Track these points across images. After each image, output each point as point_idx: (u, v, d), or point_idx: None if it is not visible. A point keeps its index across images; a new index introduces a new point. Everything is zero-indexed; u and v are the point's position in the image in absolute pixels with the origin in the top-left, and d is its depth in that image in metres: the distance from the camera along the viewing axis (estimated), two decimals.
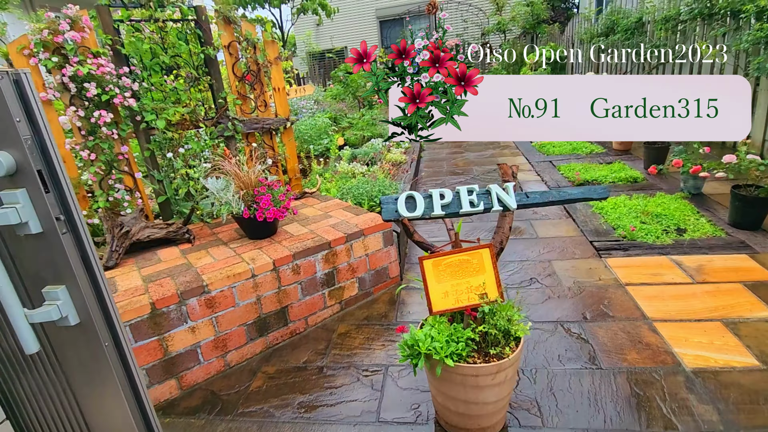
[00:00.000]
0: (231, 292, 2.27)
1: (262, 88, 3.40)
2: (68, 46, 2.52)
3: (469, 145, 7.16)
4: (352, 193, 3.41)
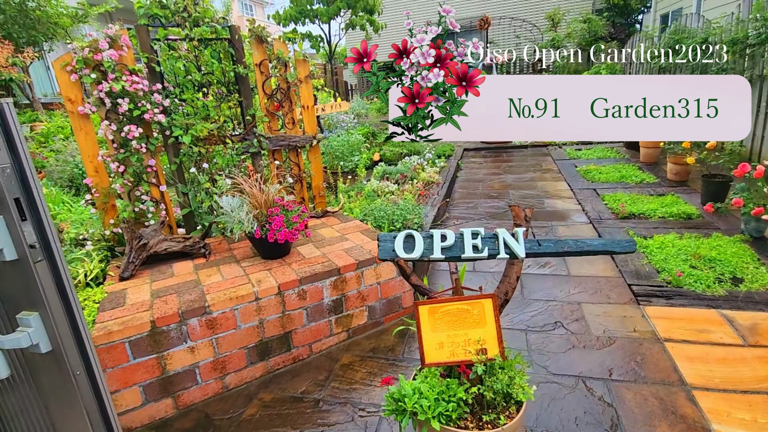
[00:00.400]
0: (233, 314, 2.25)
1: (290, 105, 3.42)
2: (106, 63, 2.65)
3: (510, 166, 6.88)
4: (374, 215, 3.33)
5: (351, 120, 7.47)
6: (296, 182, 3.58)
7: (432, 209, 3.99)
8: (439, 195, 4.56)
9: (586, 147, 7.64)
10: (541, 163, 6.94)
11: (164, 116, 2.83)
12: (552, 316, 2.75)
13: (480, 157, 7.79)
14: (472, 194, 5.41)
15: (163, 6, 2.85)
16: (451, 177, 5.59)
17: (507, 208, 4.76)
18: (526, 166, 6.80)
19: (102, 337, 1.95)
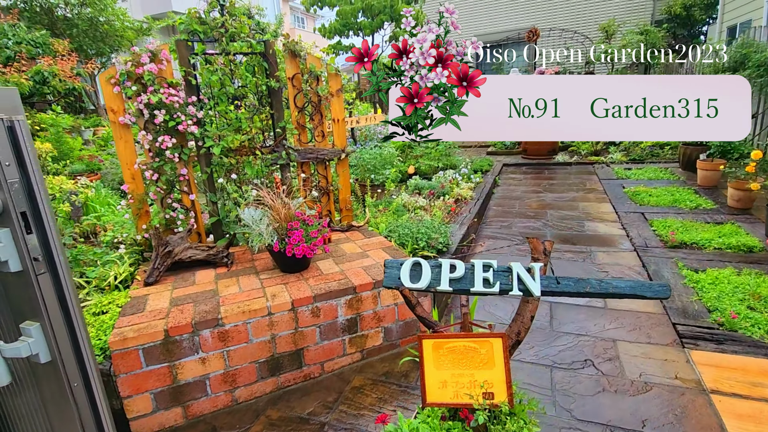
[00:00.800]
0: (245, 327, 2.24)
1: (321, 118, 3.44)
2: (146, 76, 2.77)
3: (551, 184, 6.58)
4: (398, 233, 3.25)
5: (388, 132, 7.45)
6: (323, 195, 3.58)
7: (461, 228, 3.85)
8: (470, 213, 4.41)
9: (636, 166, 7.18)
10: (585, 181, 6.59)
11: (197, 127, 2.92)
12: (582, 352, 2.54)
13: (520, 173, 7.52)
14: (508, 213, 5.19)
15: (202, 22, 2.96)
16: (486, 193, 5.41)
17: (544, 229, 4.53)
18: (569, 184, 6.47)
19: (117, 343, 2.00)
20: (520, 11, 15.91)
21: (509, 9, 16.11)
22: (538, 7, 15.61)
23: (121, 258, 2.92)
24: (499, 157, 8.91)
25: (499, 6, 16.28)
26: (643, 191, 5.48)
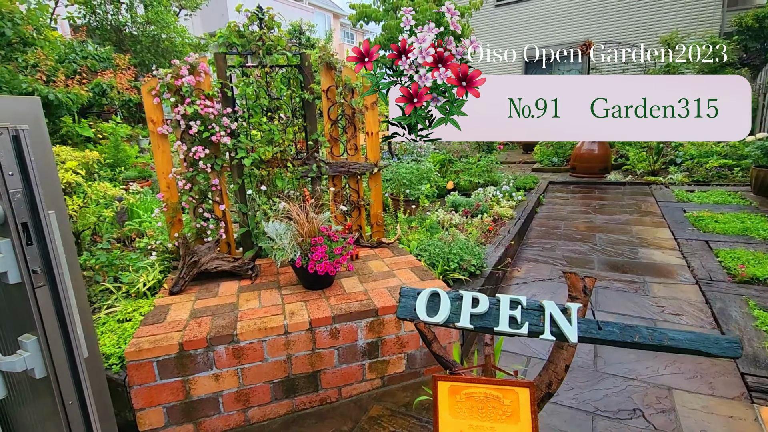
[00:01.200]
0: (261, 345, 2.16)
1: (354, 131, 3.37)
2: (185, 88, 2.83)
3: (602, 205, 6.14)
4: (429, 251, 3.09)
5: (429, 146, 7.32)
6: (354, 209, 3.49)
7: (497, 249, 3.61)
8: (509, 233, 4.15)
9: (700, 188, 6.55)
10: (640, 203, 6.09)
11: (230, 138, 2.94)
12: (631, 400, 2.24)
13: (567, 192, 7.10)
14: (551, 234, 4.87)
15: (241, 35, 2.99)
16: (528, 213, 5.11)
17: (591, 254, 4.18)
18: (621, 206, 6.00)
19: (133, 354, 1.98)
20: (574, 24, 15.36)
21: (562, 21, 15.60)
22: (593, 19, 15.00)
23: (152, 265, 2.96)
24: (544, 174, 8.50)
25: (551, 19, 15.82)
26: (708, 216, 4.96)
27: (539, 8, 15.98)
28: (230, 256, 2.86)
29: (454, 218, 4.30)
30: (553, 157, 9.06)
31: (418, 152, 6.93)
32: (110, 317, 2.42)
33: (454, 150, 7.83)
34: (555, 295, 3.33)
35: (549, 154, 9.14)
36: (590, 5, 14.99)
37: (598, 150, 7.70)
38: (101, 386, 1.64)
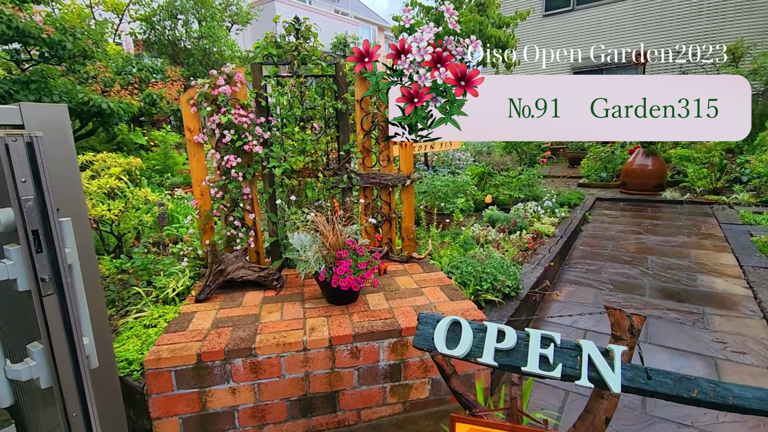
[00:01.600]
0: (278, 361, 2.10)
1: (387, 143, 3.29)
2: (221, 98, 2.87)
3: (655, 225, 5.68)
4: (461, 269, 2.93)
5: (468, 158, 7.13)
6: (385, 222, 3.40)
7: (535, 269, 3.38)
8: (550, 252, 3.90)
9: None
10: (699, 224, 5.58)
11: (262, 148, 2.95)
12: None
13: (616, 210, 6.65)
14: (597, 255, 4.53)
15: (278, 46, 3.01)
16: (572, 231, 4.80)
17: (641, 279, 3.83)
18: (678, 226, 5.52)
19: (152, 362, 1.97)
20: (625, 32, 14.66)
21: (612, 30, 14.94)
22: (647, 28, 14.24)
23: (183, 271, 3.00)
24: (591, 189, 8.03)
25: (601, 27, 15.19)
26: None
27: (589, 17, 15.41)
28: (256, 265, 2.85)
29: (490, 234, 4.10)
30: (601, 171, 8.56)
31: (456, 164, 6.77)
32: (137, 322, 2.45)
33: (495, 163, 7.58)
34: (599, 323, 3.06)
35: (597, 168, 8.65)
36: (644, 13, 14.26)
37: (653, 165, 7.18)
38: (114, 396, 1.63)
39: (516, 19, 8.79)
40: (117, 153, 6.98)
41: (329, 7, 22.28)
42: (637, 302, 3.36)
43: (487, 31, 7.71)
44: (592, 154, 8.95)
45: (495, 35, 7.81)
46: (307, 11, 18.29)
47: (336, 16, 21.49)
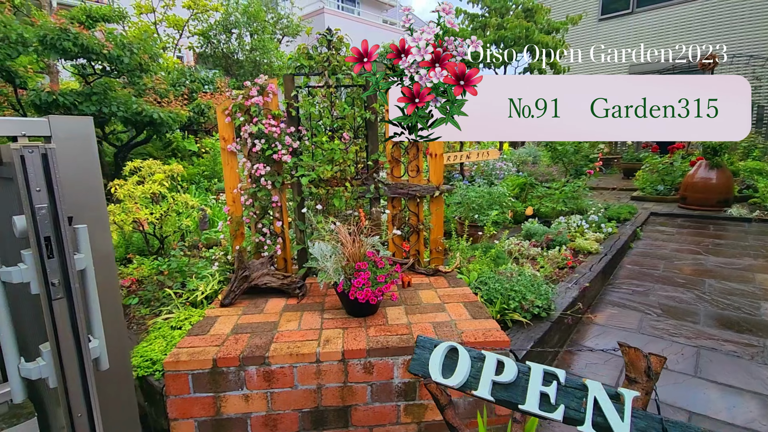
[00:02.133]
0: (291, 371, 2.09)
1: (417, 152, 3.24)
2: (253, 108, 2.95)
3: (717, 245, 5.17)
4: (488, 286, 2.80)
5: (509, 168, 6.89)
6: (412, 233, 3.34)
7: (571, 289, 3.16)
8: (590, 271, 3.64)
9: None
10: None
11: (291, 157, 3.00)
12: None
13: (672, 226, 6.13)
14: (646, 275, 4.18)
15: (310, 57, 3.06)
16: (618, 248, 4.47)
17: (695, 304, 3.48)
18: (743, 247, 4.99)
19: (171, 364, 2.03)
20: (692, 34, 13.64)
21: (677, 32, 13.96)
22: (717, 29, 13.16)
23: (213, 275, 3.11)
24: (646, 203, 7.48)
25: (663, 30, 14.24)
26: None
27: (650, 19, 14.50)
28: (280, 273, 2.88)
29: (523, 248, 3.91)
30: (658, 184, 7.95)
31: (495, 174, 6.57)
32: (166, 323, 2.56)
33: (540, 173, 7.27)
34: None
35: (653, 180, 8.05)
36: (713, 14, 13.20)
37: (717, 178, 6.56)
38: (127, 396, 1.69)
39: (566, 24, 8.44)
40: (172, 159, 7.45)
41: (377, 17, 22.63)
42: (688, 330, 3.04)
43: (534, 36, 7.46)
44: (648, 165, 8.34)
45: (542, 41, 7.53)
46: (355, 22, 18.68)
47: (384, 26, 21.77)
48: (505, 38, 7.62)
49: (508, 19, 7.74)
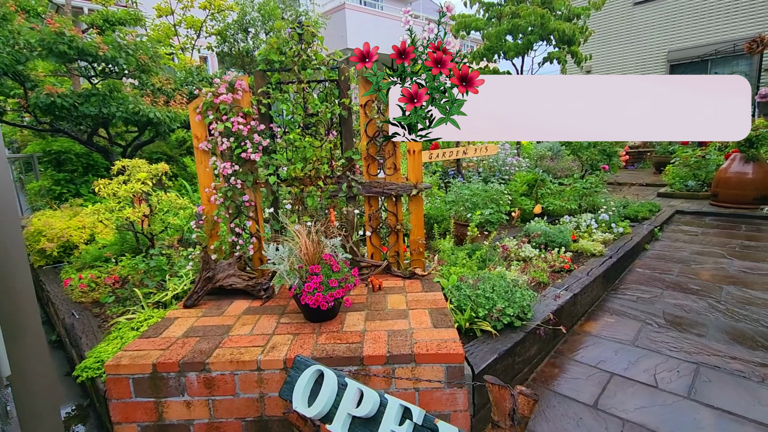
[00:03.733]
0: (232, 378, 2.02)
1: (393, 149, 3.09)
2: (221, 106, 2.90)
3: (746, 247, 4.70)
4: (461, 292, 2.62)
5: (521, 163, 6.57)
6: (391, 234, 3.20)
7: (563, 295, 2.92)
8: (588, 275, 3.36)
9: None
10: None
11: (260, 155, 2.93)
12: None
13: (698, 225, 5.64)
14: (656, 280, 3.84)
15: (281, 53, 2.97)
16: (627, 250, 4.13)
17: (706, 314, 3.15)
18: None
19: (112, 368, 2.01)
20: (736, 17, 12.59)
21: (721, 15, 12.92)
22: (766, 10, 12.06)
23: (187, 274, 3.09)
24: (673, 200, 6.94)
25: (706, 12, 13.21)
26: None
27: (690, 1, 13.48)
28: (246, 274, 2.82)
29: (520, 250, 3.67)
30: (688, 179, 7.36)
31: (505, 170, 6.27)
32: (127, 324, 2.55)
33: (558, 169, 6.89)
34: (632, 366, 2.54)
35: (683, 175, 7.46)
36: None
37: (754, 173, 5.97)
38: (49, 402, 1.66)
39: (588, 9, 7.93)
40: (186, 157, 7.60)
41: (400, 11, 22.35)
42: (690, 344, 2.74)
43: (549, 24, 7.05)
44: (679, 158, 7.74)
45: (559, 28, 7.11)
46: (378, 16, 18.48)
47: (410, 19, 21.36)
48: (519, 26, 7.25)
49: (523, 7, 7.36)
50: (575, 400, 2.29)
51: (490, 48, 8.03)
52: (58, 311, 3.17)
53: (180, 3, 9.53)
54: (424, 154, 4.05)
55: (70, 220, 4.43)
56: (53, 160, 6.22)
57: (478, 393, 2.08)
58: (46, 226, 4.29)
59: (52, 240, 4.21)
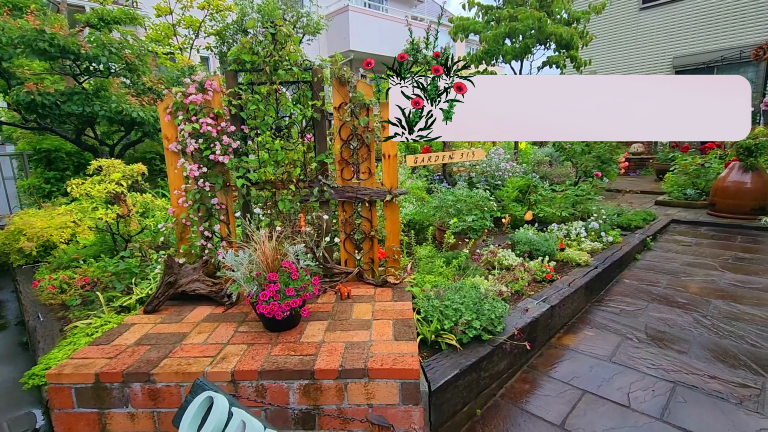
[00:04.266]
0: (178, 390, 1.94)
1: (368, 153, 3.01)
2: (191, 106, 2.83)
3: (740, 259, 4.55)
4: (431, 303, 2.52)
5: (516, 169, 6.45)
6: (365, 240, 3.11)
7: (537, 308, 2.81)
8: (569, 287, 3.25)
9: None
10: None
11: (229, 157, 2.86)
12: None
13: (693, 236, 5.49)
14: (642, 292, 3.71)
15: (254, 52, 2.90)
16: (614, 260, 4.01)
17: (690, 329, 3.02)
18: None
19: (53, 377, 1.94)
20: (743, 23, 12.39)
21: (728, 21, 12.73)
22: None
23: (155, 278, 3.03)
24: (671, 209, 6.79)
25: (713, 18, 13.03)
26: None
27: (698, 7, 13.30)
28: (211, 279, 2.75)
29: (502, 258, 3.57)
30: (687, 187, 7.21)
31: (499, 176, 6.16)
32: (84, 329, 2.48)
33: (555, 175, 6.77)
34: (606, 383, 2.43)
35: (682, 183, 7.30)
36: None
37: (752, 182, 5.82)
38: None
39: (588, 13, 7.81)
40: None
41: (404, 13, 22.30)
42: (670, 362, 2.62)
43: (546, 28, 6.95)
44: (678, 166, 7.58)
45: (556, 32, 6.99)
46: (382, 19, 18.43)
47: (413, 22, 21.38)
48: (516, 30, 7.15)
49: (520, 10, 7.26)
50: (542, 419, 2.19)
51: (488, 51, 7.94)
52: (25, 313, 3.11)
53: (179, 3, 9.53)
54: (410, 158, 3.96)
55: (51, 220, 4.39)
56: (43, 159, 6.21)
57: (436, 411, 1.98)
58: (27, 225, 4.25)
59: (32, 239, 4.17)
